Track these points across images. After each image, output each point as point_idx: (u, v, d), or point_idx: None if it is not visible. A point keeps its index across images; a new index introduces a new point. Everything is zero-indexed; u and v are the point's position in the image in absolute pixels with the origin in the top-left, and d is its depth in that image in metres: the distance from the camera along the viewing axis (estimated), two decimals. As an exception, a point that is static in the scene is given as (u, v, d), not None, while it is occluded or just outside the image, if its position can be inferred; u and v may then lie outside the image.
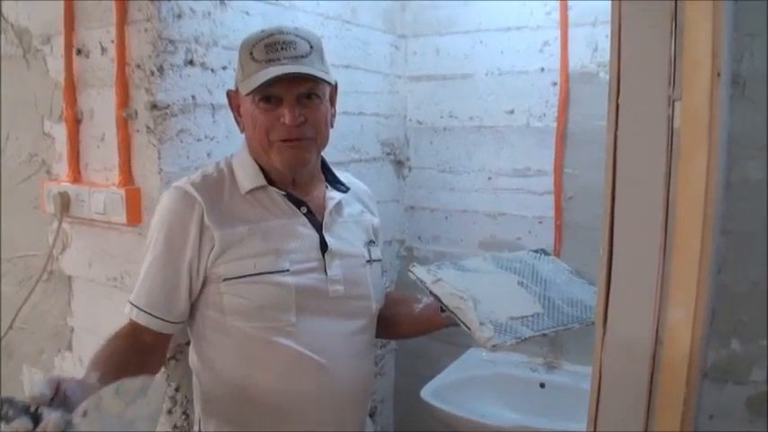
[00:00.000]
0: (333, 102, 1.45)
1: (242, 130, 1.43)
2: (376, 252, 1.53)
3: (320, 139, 1.40)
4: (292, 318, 1.34)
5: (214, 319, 1.37)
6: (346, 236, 1.47)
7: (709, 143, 0.80)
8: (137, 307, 1.35)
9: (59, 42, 1.71)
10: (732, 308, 0.89)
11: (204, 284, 1.37)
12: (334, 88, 1.45)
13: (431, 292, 1.44)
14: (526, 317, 1.40)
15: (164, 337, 1.38)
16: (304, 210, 1.42)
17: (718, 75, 0.80)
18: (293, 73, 1.30)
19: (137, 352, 1.32)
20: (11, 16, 1.89)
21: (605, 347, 0.88)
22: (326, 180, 1.52)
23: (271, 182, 1.41)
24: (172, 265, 1.34)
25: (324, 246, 1.41)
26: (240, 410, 1.38)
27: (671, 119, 0.82)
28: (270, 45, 1.33)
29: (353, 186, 1.57)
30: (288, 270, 1.35)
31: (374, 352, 1.56)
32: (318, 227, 1.42)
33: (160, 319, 1.35)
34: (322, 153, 1.49)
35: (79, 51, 1.70)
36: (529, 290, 1.51)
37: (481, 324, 1.34)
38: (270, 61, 1.31)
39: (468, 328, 1.36)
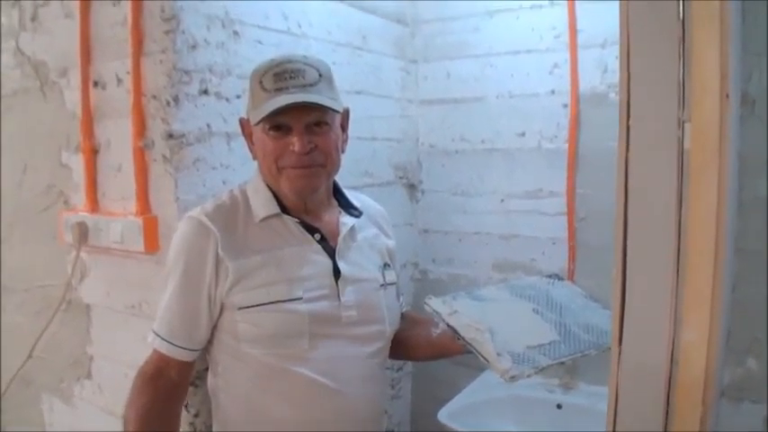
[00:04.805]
0: (344, 127, 1.47)
1: (254, 158, 1.45)
2: (391, 275, 1.54)
3: (330, 166, 1.41)
4: (305, 344, 1.35)
5: (229, 345, 1.39)
6: (360, 261, 1.48)
7: (720, 163, 0.81)
8: (159, 336, 1.38)
9: (76, 74, 1.74)
10: (747, 326, 0.89)
11: (220, 311, 1.39)
12: (346, 114, 1.46)
13: (448, 325, 1.44)
14: (543, 345, 1.40)
15: (187, 365, 1.41)
16: (318, 237, 1.43)
17: (727, 96, 0.81)
18: (300, 102, 1.31)
19: (166, 396, 1.37)
20: (27, 50, 1.93)
21: (621, 368, 0.89)
22: (339, 205, 1.53)
23: (284, 209, 1.42)
24: (192, 295, 1.36)
25: (337, 272, 1.42)
26: (256, 436, 1.38)
27: (681, 140, 0.83)
28: (278, 74, 1.34)
29: (368, 209, 1.58)
30: (301, 298, 1.36)
31: (387, 374, 1.56)
32: (332, 253, 1.43)
33: (182, 348, 1.37)
34: (335, 177, 1.50)
35: (96, 83, 1.72)
36: (544, 317, 1.50)
37: (499, 355, 1.33)
38: (278, 90, 1.33)
39: (486, 360, 1.35)
